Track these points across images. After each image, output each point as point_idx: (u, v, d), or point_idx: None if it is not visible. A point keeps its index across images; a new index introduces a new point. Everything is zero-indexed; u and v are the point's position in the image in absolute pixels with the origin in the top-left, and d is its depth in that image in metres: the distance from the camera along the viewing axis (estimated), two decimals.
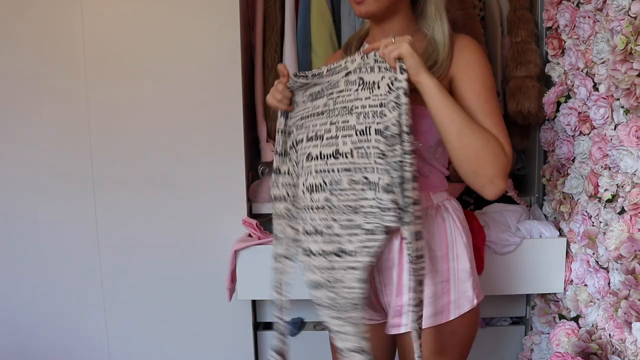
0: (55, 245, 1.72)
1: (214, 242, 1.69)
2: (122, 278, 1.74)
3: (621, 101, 1.20)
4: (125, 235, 1.71)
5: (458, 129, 0.99)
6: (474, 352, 1.83)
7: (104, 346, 1.78)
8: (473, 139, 0.99)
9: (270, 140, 1.75)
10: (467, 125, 0.99)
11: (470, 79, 1.07)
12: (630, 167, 1.19)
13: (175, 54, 1.64)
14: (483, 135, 1.00)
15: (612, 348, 1.27)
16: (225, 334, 1.76)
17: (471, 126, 1.00)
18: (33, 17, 1.63)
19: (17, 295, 1.75)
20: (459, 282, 1.13)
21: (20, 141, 1.69)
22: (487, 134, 1.01)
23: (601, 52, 1.29)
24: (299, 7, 1.71)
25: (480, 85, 1.06)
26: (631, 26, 1.12)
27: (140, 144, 1.67)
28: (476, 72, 1.07)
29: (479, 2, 1.81)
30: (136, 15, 1.63)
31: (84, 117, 1.67)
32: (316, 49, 1.69)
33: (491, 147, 1.01)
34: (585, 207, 1.43)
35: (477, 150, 1.00)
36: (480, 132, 1.00)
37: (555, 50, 1.58)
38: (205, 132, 1.66)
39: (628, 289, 1.19)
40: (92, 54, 1.64)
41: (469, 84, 1.07)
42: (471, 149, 1.00)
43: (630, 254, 1.19)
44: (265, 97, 1.72)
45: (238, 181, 1.67)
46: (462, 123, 0.99)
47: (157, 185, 1.69)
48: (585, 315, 1.43)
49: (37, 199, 1.70)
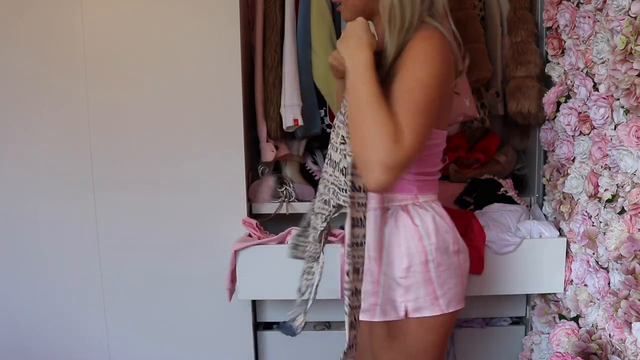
0: (55, 245, 1.72)
1: (214, 242, 1.69)
2: (122, 278, 1.73)
3: (621, 101, 1.20)
4: (125, 235, 1.71)
5: (356, 105, 0.97)
6: (474, 352, 1.84)
7: (104, 346, 1.78)
8: (367, 118, 0.95)
9: (270, 140, 1.75)
10: (367, 104, 0.95)
11: (403, 70, 1.00)
12: (630, 167, 1.19)
13: (175, 54, 1.64)
14: (379, 116, 0.94)
15: (612, 348, 1.27)
16: (225, 334, 1.76)
17: (371, 106, 0.95)
18: (33, 17, 1.63)
19: (17, 295, 1.75)
20: (387, 288, 1.12)
21: (20, 141, 1.69)
22: (385, 117, 0.94)
23: (601, 52, 1.29)
24: (299, 7, 1.71)
25: (409, 77, 0.98)
26: (631, 26, 1.12)
27: (140, 144, 1.67)
28: (411, 65, 1.00)
29: (479, 2, 1.81)
30: (136, 15, 1.63)
31: (84, 117, 1.66)
32: (316, 49, 1.69)
33: (376, 136, 0.93)
34: (585, 207, 1.43)
35: (362, 136, 0.96)
36: (378, 113, 0.94)
37: (555, 50, 1.58)
38: (205, 132, 1.66)
39: (628, 289, 1.19)
40: (92, 54, 1.64)
41: (401, 75, 1.00)
42: (360, 131, 0.96)
43: (630, 254, 1.19)
44: (264, 98, 1.72)
45: (238, 181, 1.67)
46: (364, 101, 0.96)
47: (157, 185, 1.68)
48: (585, 315, 1.43)
49: (37, 199, 1.70)
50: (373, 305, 1.13)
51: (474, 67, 1.75)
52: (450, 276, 1.13)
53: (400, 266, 1.10)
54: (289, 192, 1.75)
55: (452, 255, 1.14)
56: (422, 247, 1.10)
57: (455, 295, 1.14)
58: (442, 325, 1.14)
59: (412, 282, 1.10)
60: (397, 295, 1.11)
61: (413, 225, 1.11)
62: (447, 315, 1.12)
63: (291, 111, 1.68)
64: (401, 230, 1.11)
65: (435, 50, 1.01)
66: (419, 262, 1.10)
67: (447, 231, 1.14)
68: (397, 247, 1.11)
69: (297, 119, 1.68)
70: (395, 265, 1.12)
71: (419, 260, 1.10)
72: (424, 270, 1.10)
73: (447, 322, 1.14)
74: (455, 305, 1.14)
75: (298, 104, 1.68)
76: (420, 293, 1.10)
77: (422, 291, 1.10)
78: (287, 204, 1.73)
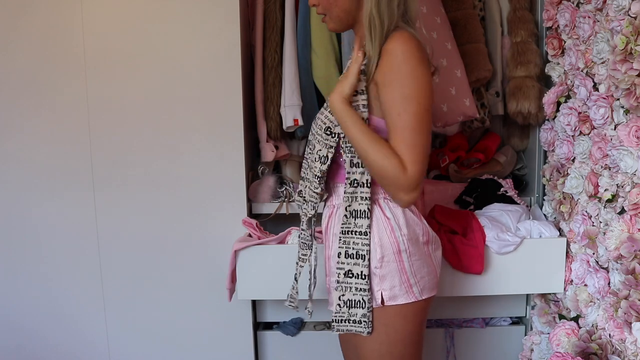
0: (55, 245, 1.72)
1: (214, 242, 1.69)
2: (122, 278, 1.73)
3: (621, 101, 1.20)
4: (125, 235, 1.71)
5: (361, 152, 1.10)
6: (474, 352, 1.84)
7: (104, 346, 1.78)
8: (374, 163, 1.08)
9: (270, 140, 1.75)
10: (367, 150, 1.08)
11: (386, 87, 1.09)
12: (630, 167, 1.19)
13: (175, 54, 1.64)
14: (381, 159, 1.07)
15: (612, 348, 1.27)
16: (225, 334, 1.76)
17: (372, 149, 1.08)
18: (33, 17, 1.63)
19: (17, 295, 1.75)
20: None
21: (20, 141, 1.69)
22: (385, 158, 1.07)
23: (601, 52, 1.29)
24: (299, 7, 1.71)
25: (396, 95, 1.07)
26: (631, 26, 1.12)
27: (140, 143, 1.67)
28: (393, 79, 1.08)
29: (479, 2, 1.81)
30: (136, 16, 1.63)
31: (84, 117, 1.67)
32: (316, 49, 1.69)
33: (388, 170, 1.07)
34: (585, 207, 1.43)
35: (377, 172, 1.09)
36: (380, 155, 1.07)
37: (555, 50, 1.58)
38: (205, 132, 1.66)
39: (628, 289, 1.19)
40: (92, 54, 1.64)
41: (386, 94, 1.09)
42: (374, 169, 1.10)
43: (630, 254, 1.19)
44: (264, 98, 1.73)
45: (238, 181, 1.67)
46: (364, 148, 1.09)
47: (156, 185, 1.68)
48: (585, 315, 1.43)
49: (37, 199, 1.70)
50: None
51: (474, 67, 1.76)
52: (422, 265, 1.20)
53: (374, 257, 1.16)
54: (289, 192, 1.75)
55: (422, 246, 1.20)
56: (395, 238, 1.16)
57: (427, 282, 1.21)
58: (417, 313, 1.20)
59: (387, 272, 1.17)
60: (373, 284, 1.17)
61: (385, 217, 1.17)
62: (422, 303, 1.20)
63: (291, 111, 1.68)
64: (374, 223, 1.17)
65: (415, 57, 1.08)
66: (391, 252, 1.16)
67: (417, 223, 1.20)
68: (371, 239, 1.16)
69: (297, 119, 1.69)
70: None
71: (392, 250, 1.16)
72: (398, 260, 1.17)
73: (422, 310, 1.22)
74: (428, 292, 1.21)
75: (298, 104, 1.69)
76: (395, 282, 1.17)
77: (397, 280, 1.17)
78: (287, 204, 1.73)
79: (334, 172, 1.22)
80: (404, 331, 1.19)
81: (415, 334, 1.21)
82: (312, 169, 1.19)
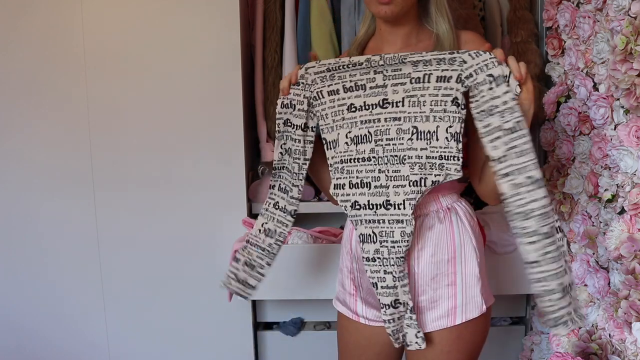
0: (55, 245, 1.72)
1: (214, 242, 1.69)
2: (122, 278, 1.74)
3: (621, 101, 1.20)
4: (125, 235, 1.71)
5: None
6: None
7: (104, 346, 1.78)
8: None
9: (270, 140, 1.75)
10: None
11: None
12: (630, 167, 1.19)
13: (175, 54, 1.64)
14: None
15: (612, 348, 1.27)
16: (225, 334, 1.76)
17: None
18: (33, 17, 1.63)
19: (17, 295, 1.75)
20: (466, 286, 1.11)
21: (21, 141, 1.69)
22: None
23: (601, 52, 1.29)
24: (299, 6, 1.71)
25: None
26: (631, 26, 1.12)
27: (140, 143, 1.67)
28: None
29: (479, 2, 1.81)
30: (136, 16, 1.63)
31: (84, 117, 1.67)
32: (316, 49, 1.69)
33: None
34: (585, 207, 1.43)
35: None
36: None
37: (555, 50, 1.58)
38: (205, 132, 1.66)
39: (628, 289, 1.19)
40: (92, 54, 1.64)
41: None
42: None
43: (630, 254, 1.18)
44: (264, 98, 1.72)
45: (238, 181, 1.67)
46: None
47: (157, 185, 1.69)
48: (585, 315, 1.43)
49: (37, 199, 1.70)
50: (452, 308, 1.10)
51: None
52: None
53: (474, 261, 1.11)
54: None
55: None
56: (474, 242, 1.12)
57: (489, 289, 1.17)
58: (487, 322, 1.16)
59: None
60: (476, 291, 1.10)
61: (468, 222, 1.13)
62: (488, 310, 1.14)
63: None
64: (467, 227, 1.12)
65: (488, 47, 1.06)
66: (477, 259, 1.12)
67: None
68: (470, 243, 1.11)
69: None
70: (468, 261, 1.11)
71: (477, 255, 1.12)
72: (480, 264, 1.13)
73: (488, 319, 1.17)
74: (490, 299, 1.16)
75: None
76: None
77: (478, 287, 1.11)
78: None
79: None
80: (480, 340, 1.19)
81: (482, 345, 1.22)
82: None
